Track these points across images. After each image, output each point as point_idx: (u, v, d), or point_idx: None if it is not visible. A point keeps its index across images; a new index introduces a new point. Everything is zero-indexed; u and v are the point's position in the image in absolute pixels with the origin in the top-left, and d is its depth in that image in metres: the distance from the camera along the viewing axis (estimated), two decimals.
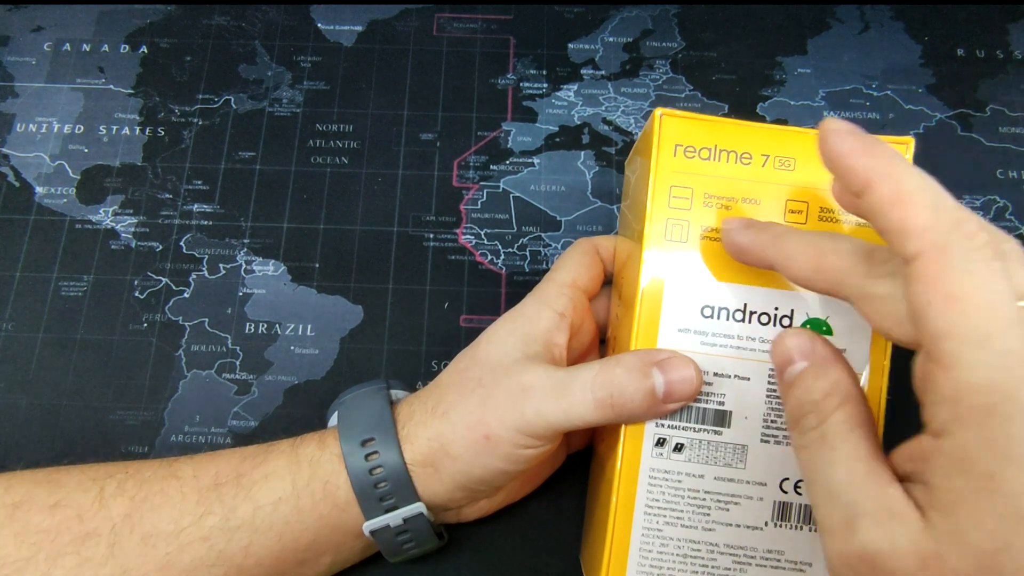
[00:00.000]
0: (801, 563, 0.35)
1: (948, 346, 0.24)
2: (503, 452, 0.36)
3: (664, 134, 0.36)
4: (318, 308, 0.51)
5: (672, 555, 0.35)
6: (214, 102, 0.56)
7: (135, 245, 0.52)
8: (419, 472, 0.37)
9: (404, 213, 0.53)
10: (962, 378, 0.24)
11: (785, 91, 0.57)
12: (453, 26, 0.59)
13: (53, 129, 0.55)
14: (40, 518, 0.36)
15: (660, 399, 0.34)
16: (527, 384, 0.36)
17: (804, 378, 0.31)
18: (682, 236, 0.36)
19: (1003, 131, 0.56)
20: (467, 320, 0.50)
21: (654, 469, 0.35)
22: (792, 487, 0.35)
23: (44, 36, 0.58)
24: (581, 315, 0.41)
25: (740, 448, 0.35)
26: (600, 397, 0.34)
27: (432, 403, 0.38)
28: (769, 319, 0.35)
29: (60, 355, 0.49)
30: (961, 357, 0.24)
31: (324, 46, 0.58)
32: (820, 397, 0.30)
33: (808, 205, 0.36)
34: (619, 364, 0.35)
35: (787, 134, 0.36)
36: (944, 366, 0.25)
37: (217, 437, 0.47)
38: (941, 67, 0.58)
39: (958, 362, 0.24)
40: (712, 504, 0.35)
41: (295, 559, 0.38)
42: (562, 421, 0.35)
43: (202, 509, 0.37)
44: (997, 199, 0.53)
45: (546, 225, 0.53)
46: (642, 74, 0.57)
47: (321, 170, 0.54)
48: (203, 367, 0.49)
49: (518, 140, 0.55)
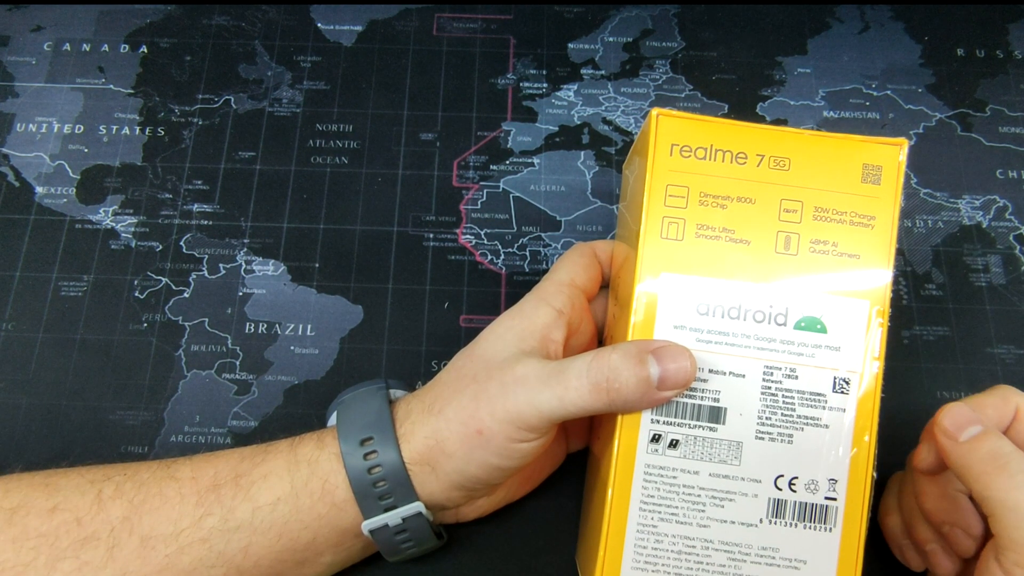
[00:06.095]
0: (796, 560, 0.35)
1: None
2: (496, 446, 0.36)
3: (660, 134, 0.36)
4: (318, 308, 0.51)
5: (667, 551, 0.35)
6: (214, 102, 0.56)
7: (135, 245, 0.52)
8: (417, 471, 0.37)
9: (404, 213, 0.53)
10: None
11: (785, 91, 0.57)
12: (453, 26, 0.59)
13: (53, 129, 0.55)
14: (38, 522, 0.36)
15: (655, 386, 0.34)
16: (520, 375, 0.36)
17: (989, 436, 0.34)
18: (678, 234, 0.36)
19: (1003, 131, 0.55)
20: (467, 320, 0.51)
21: (649, 465, 0.35)
22: (787, 484, 0.35)
23: (44, 36, 0.58)
24: (579, 314, 0.41)
25: (735, 444, 0.35)
26: (596, 381, 0.34)
27: (429, 401, 0.38)
28: (764, 317, 0.35)
29: (60, 355, 0.49)
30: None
31: (324, 46, 0.58)
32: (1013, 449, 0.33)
33: (803, 205, 0.36)
34: (615, 351, 0.35)
35: (782, 134, 0.36)
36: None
37: (217, 437, 0.47)
38: (941, 67, 0.58)
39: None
40: (707, 500, 0.35)
41: (294, 559, 0.38)
42: (556, 409, 0.35)
43: (201, 510, 0.37)
44: (997, 199, 0.53)
45: (546, 225, 0.53)
46: (642, 74, 0.57)
47: (321, 170, 0.54)
48: (203, 367, 0.49)
49: (518, 140, 0.55)
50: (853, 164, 0.36)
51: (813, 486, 0.35)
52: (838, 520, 0.35)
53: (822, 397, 0.35)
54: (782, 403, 0.35)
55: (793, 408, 0.35)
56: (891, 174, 0.36)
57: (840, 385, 0.35)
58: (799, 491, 0.35)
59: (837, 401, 0.35)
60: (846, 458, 0.35)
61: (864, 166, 0.36)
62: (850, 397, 0.35)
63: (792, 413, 0.35)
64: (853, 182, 0.36)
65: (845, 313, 0.35)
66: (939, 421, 0.35)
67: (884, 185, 0.36)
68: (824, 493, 0.35)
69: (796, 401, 0.35)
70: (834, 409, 0.35)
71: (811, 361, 0.35)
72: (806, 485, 0.35)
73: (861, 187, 0.36)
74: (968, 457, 0.33)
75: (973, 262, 0.52)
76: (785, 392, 0.35)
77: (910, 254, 0.52)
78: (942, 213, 0.53)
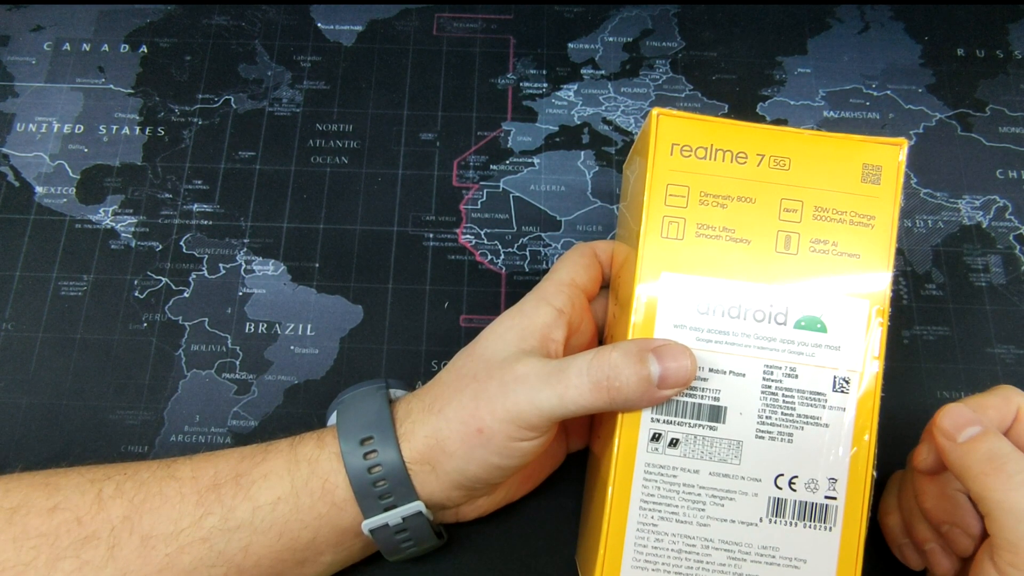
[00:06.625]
0: (795, 559, 0.35)
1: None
2: (497, 445, 0.36)
3: (661, 133, 0.36)
4: (318, 308, 0.51)
5: (667, 550, 0.35)
6: (214, 102, 0.56)
7: (135, 245, 0.52)
8: (417, 470, 0.37)
9: (404, 213, 0.53)
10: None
11: (785, 91, 0.57)
12: (453, 26, 0.59)
13: (53, 129, 0.55)
14: (39, 522, 0.36)
15: (655, 384, 0.34)
16: (520, 374, 0.36)
17: (987, 436, 0.34)
18: (678, 234, 0.36)
19: (1003, 131, 0.55)
20: (467, 320, 0.51)
21: (649, 464, 0.35)
22: (787, 483, 0.35)
23: (44, 36, 0.58)
24: (580, 314, 0.41)
25: (735, 444, 0.35)
26: (596, 379, 0.34)
27: (429, 400, 0.38)
28: (764, 316, 0.35)
29: (60, 355, 0.49)
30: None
31: (324, 46, 0.58)
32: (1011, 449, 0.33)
33: (803, 204, 0.36)
34: (615, 349, 0.35)
35: (782, 134, 0.37)
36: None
37: (217, 437, 0.47)
38: (941, 67, 0.58)
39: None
40: (707, 499, 0.35)
41: (294, 558, 0.38)
42: (556, 407, 0.35)
43: (201, 510, 0.37)
44: (997, 199, 0.53)
45: (546, 225, 0.53)
46: (642, 74, 0.57)
47: (321, 170, 0.54)
48: (203, 367, 0.49)
49: (518, 140, 0.55)
50: (853, 164, 0.36)
51: (813, 485, 0.35)
52: (838, 519, 0.35)
53: (822, 396, 0.35)
54: (782, 402, 0.35)
55: (793, 407, 0.35)
56: (891, 174, 0.36)
57: (840, 384, 0.35)
58: (799, 490, 0.35)
59: (837, 400, 0.35)
60: (846, 457, 0.35)
61: (864, 166, 0.36)
62: (850, 396, 0.35)
63: (792, 412, 0.35)
64: (853, 182, 0.36)
65: (845, 312, 0.35)
66: (938, 422, 0.35)
67: (884, 185, 0.36)
68: (824, 492, 0.35)
69: (796, 400, 0.35)
70: (834, 408, 0.35)
71: (811, 360, 0.35)
72: (806, 484, 0.35)
73: (861, 187, 0.36)
74: (966, 458, 0.33)
75: (973, 262, 0.52)
76: (785, 391, 0.35)
77: (910, 254, 0.52)
78: (942, 213, 0.53)
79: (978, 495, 0.33)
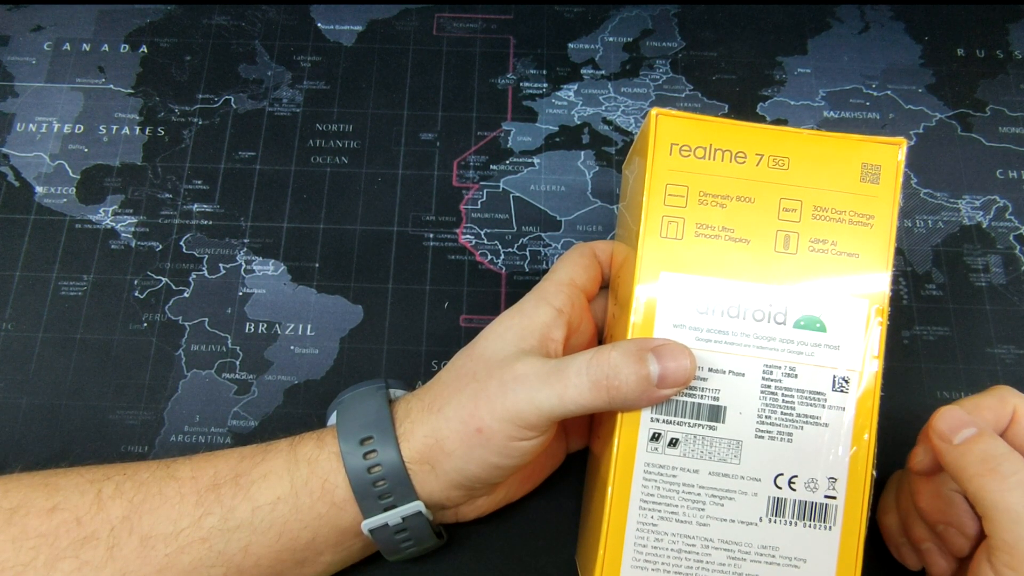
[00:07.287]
0: (795, 559, 0.35)
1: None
2: (496, 445, 0.36)
3: (660, 133, 0.36)
4: (318, 308, 0.51)
5: (667, 550, 0.35)
6: (214, 102, 0.56)
7: (135, 245, 0.52)
8: (417, 470, 0.37)
9: (404, 213, 0.53)
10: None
11: (785, 91, 0.57)
12: (453, 26, 0.59)
13: (53, 129, 0.55)
14: (38, 522, 0.36)
15: (654, 384, 0.34)
16: (519, 373, 0.36)
17: (983, 437, 0.34)
18: (678, 233, 0.36)
19: (1003, 131, 0.55)
20: (467, 320, 0.51)
21: (649, 464, 0.35)
22: (786, 483, 0.35)
23: (44, 36, 0.58)
24: (579, 313, 0.41)
25: (734, 443, 0.35)
26: (596, 379, 0.34)
27: (428, 400, 0.38)
28: (763, 316, 0.35)
29: (60, 355, 0.49)
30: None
31: (324, 46, 0.58)
32: (1007, 450, 0.34)
33: (802, 204, 0.36)
34: (615, 349, 0.35)
35: (781, 134, 0.37)
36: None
37: (217, 437, 0.47)
38: (941, 67, 0.58)
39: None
40: (707, 499, 0.35)
41: (294, 558, 0.38)
42: (555, 406, 0.35)
43: (201, 510, 0.37)
44: (997, 199, 0.53)
45: (546, 225, 0.53)
46: (642, 74, 0.57)
47: (321, 170, 0.54)
48: (203, 367, 0.49)
49: (518, 140, 0.55)
50: (852, 163, 0.36)
51: (813, 485, 0.35)
52: (838, 519, 0.35)
53: (822, 396, 0.35)
54: (782, 402, 0.35)
55: (793, 407, 0.35)
56: (890, 173, 0.36)
57: (840, 384, 0.35)
58: (799, 490, 0.35)
59: (837, 400, 0.35)
60: (846, 457, 0.35)
61: (863, 165, 0.36)
62: (850, 396, 0.35)
63: (792, 412, 0.35)
64: (852, 181, 0.36)
65: (844, 312, 0.35)
66: (933, 424, 0.35)
67: (883, 184, 0.36)
68: (824, 492, 0.35)
69: (796, 400, 0.35)
70: (834, 408, 0.35)
71: (811, 360, 0.35)
72: (806, 484, 0.35)
73: (860, 186, 0.36)
74: (962, 459, 0.34)
75: (973, 262, 0.52)
76: (785, 391, 0.35)
77: (910, 254, 0.52)
78: (942, 213, 0.53)
79: (974, 496, 0.33)
